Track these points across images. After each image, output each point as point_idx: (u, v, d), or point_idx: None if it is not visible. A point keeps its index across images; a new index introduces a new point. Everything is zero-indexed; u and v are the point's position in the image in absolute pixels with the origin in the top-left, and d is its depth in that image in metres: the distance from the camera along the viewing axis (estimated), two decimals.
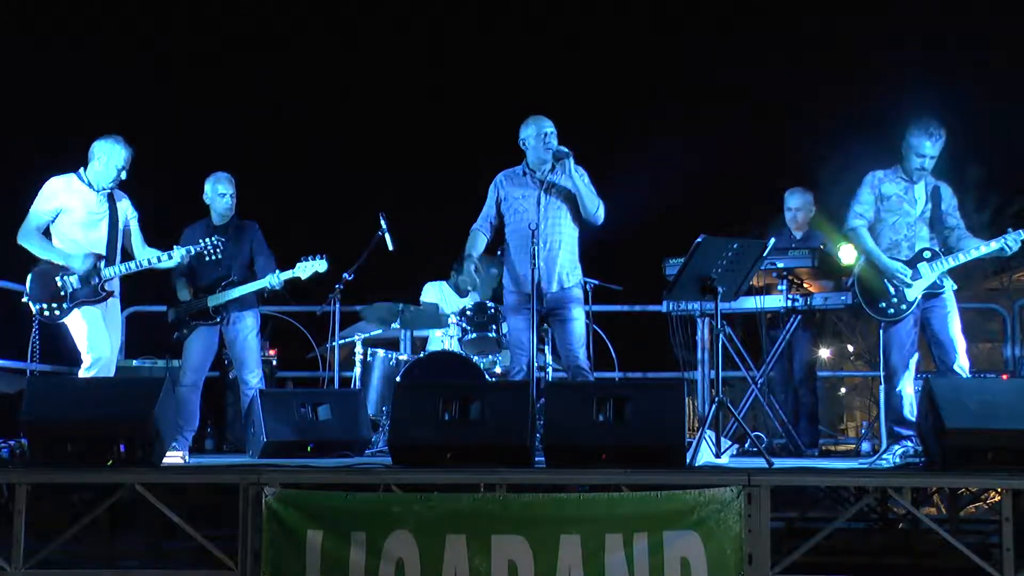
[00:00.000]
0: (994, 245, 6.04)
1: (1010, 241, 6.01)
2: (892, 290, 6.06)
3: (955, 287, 6.17)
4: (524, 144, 6.39)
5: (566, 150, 6.23)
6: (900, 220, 6.16)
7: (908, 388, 6.06)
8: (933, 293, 6.07)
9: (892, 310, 6.05)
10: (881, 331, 6.14)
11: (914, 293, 6.03)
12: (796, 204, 7.49)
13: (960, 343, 6.04)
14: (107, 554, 5.69)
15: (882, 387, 6.18)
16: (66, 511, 5.62)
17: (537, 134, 6.32)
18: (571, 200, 6.33)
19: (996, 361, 11.48)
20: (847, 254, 6.96)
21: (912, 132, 6.11)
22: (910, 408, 5.99)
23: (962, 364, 5.99)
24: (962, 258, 6.07)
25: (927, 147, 6.08)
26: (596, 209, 6.30)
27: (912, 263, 6.07)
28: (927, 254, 6.08)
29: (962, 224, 6.22)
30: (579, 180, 6.25)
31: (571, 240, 6.38)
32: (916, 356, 6.16)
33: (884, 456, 5.81)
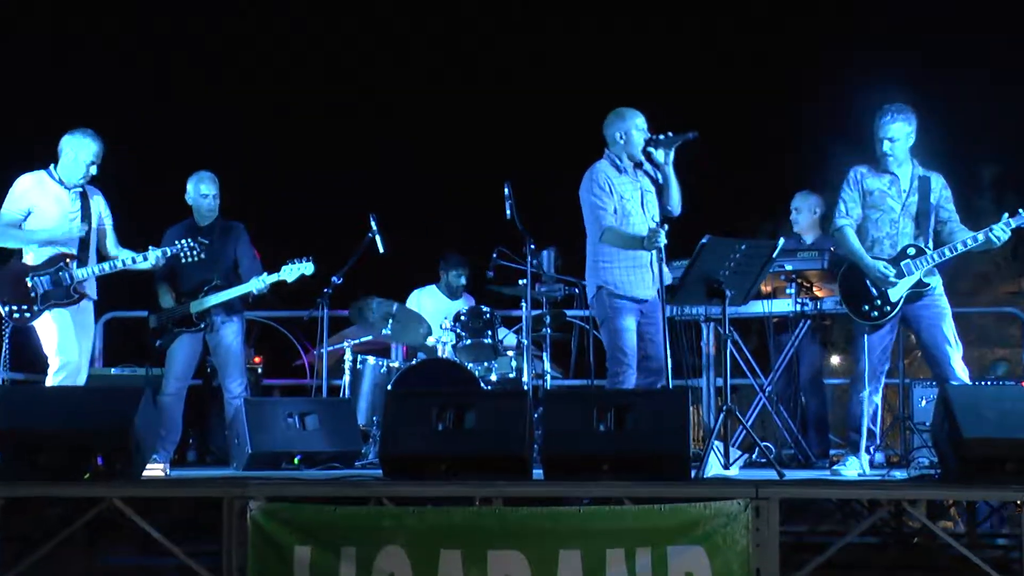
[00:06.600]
0: (981, 237, 5.75)
1: (997, 231, 5.69)
2: (875, 291, 5.82)
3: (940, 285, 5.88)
4: (624, 137, 5.94)
5: (673, 136, 5.85)
6: (883, 216, 5.90)
7: (875, 397, 5.88)
8: (919, 293, 5.82)
9: (876, 312, 5.82)
10: (864, 335, 5.87)
11: (898, 293, 5.78)
12: (796, 204, 7.29)
13: (954, 353, 5.79)
14: (86, 570, 5.57)
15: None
16: (43, 526, 5.49)
17: (635, 127, 5.94)
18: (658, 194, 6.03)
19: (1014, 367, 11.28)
20: None
21: (875, 117, 5.88)
22: (870, 418, 5.80)
23: (960, 377, 5.74)
24: (948, 253, 5.77)
25: (886, 129, 5.82)
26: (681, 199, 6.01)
27: (896, 261, 5.83)
28: (911, 251, 5.82)
29: (955, 217, 5.93)
30: (672, 170, 5.93)
31: None
32: (887, 364, 5.96)
33: (837, 467, 5.72)
